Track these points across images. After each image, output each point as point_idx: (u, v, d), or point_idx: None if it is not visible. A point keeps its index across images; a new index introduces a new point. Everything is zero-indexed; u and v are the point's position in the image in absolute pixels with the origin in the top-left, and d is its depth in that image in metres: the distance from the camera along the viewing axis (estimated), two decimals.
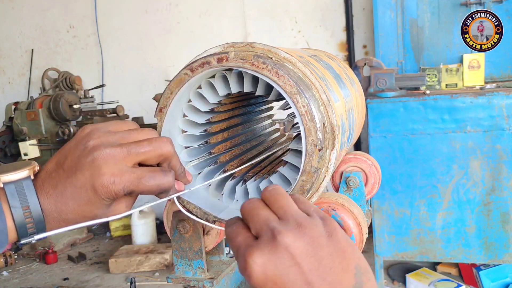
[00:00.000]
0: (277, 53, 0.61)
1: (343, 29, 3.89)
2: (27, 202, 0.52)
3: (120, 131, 0.57)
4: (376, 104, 2.66)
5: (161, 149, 0.55)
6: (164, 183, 0.55)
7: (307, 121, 0.58)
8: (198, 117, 0.69)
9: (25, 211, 0.52)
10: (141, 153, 0.54)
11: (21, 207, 0.52)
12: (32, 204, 0.52)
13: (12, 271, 3.60)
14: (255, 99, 0.93)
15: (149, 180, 0.54)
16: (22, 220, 0.52)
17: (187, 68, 0.63)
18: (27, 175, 0.53)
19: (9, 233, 0.51)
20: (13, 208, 0.51)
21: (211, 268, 0.90)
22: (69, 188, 0.53)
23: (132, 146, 0.54)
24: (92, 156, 0.53)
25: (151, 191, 0.55)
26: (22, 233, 0.52)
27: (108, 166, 0.52)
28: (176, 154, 0.58)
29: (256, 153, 0.88)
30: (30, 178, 0.53)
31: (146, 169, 0.54)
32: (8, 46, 4.90)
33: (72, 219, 0.55)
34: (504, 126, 2.49)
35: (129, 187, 0.53)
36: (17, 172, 0.53)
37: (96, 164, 0.52)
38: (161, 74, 4.35)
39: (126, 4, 4.43)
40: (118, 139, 0.55)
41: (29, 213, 0.52)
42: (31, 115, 3.82)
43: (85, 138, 0.55)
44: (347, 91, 0.86)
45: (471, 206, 2.59)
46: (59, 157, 0.56)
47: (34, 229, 0.52)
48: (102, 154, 0.53)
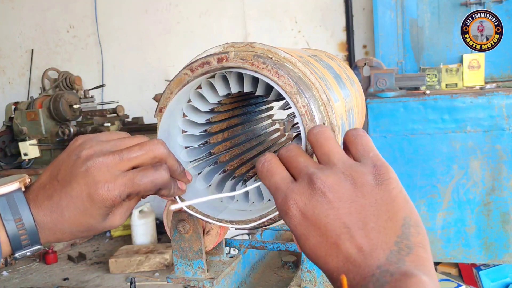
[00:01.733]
0: (277, 53, 0.61)
1: (343, 29, 3.89)
2: (19, 214, 0.51)
3: (112, 140, 0.57)
4: (376, 104, 2.66)
5: (153, 151, 0.55)
6: (157, 177, 0.54)
7: (307, 121, 0.58)
8: (198, 117, 0.69)
9: (18, 223, 0.51)
10: (134, 158, 0.54)
11: (13, 219, 0.51)
12: (25, 216, 0.52)
13: (12, 271, 3.60)
14: (255, 99, 0.93)
15: (142, 178, 0.54)
16: (15, 233, 0.51)
17: (187, 68, 0.63)
18: (18, 187, 0.53)
19: (3, 247, 0.51)
20: (5, 221, 0.51)
21: (211, 268, 0.90)
22: (64, 198, 0.53)
23: (124, 152, 0.54)
24: (86, 166, 0.52)
25: (147, 189, 0.54)
26: (16, 246, 0.52)
27: (101, 173, 0.52)
28: (172, 155, 0.58)
29: (256, 153, 0.88)
30: (21, 190, 0.53)
31: (137, 170, 0.54)
32: (8, 46, 4.90)
33: (68, 229, 0.54)
34: (504, 126, 2.49)
35: (125, 191, 0.53)
36: (7, 185, 0.52)
37: (89, 173, 0.52)
38: (161, 74, 4.35)
39: (126, 4, 4.43)
40: (111, 147, 0.55)
41: (22, 225, 0.51)
42: (31, 115, 3.82)
43: (78, 148, 0.55)
44: (347, 91, 0.86)
45: (471, 206, 2.59)
46: (52, 169, 0.55)
47: (28, 241, 0.52)
48: (95, 162, 0.52)
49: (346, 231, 0.44)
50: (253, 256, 1.15)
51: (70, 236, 0.56)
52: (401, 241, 0.43)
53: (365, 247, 0.43)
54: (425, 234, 0.45)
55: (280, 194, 0.49)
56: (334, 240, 0.45)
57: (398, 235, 0.44)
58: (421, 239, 0.44)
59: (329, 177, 0.46)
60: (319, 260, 0.46)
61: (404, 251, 0.43)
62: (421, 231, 0.45)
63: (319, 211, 0.46)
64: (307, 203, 0.46)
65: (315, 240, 0.46)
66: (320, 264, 0.47)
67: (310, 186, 0.47)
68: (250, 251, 1.10)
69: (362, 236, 0.44)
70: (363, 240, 0.44)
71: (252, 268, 1.12)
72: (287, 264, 1.19)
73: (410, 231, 0.44)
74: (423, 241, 0.44)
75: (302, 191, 0.47)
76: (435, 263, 3.06)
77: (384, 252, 0.43)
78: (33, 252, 0.54)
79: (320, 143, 0.50)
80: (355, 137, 0.51)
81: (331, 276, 0.46)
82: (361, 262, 0.43)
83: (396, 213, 0.45)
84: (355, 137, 0.51)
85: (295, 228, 0.47)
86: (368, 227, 0.44)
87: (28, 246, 0.52)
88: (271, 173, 0.51)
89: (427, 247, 0.44)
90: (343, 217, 0.45)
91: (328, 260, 0.45)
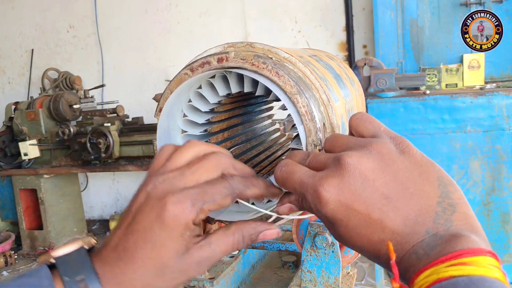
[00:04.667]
0: (277, 53, 0.61)
1: (343, 29, 3.89)
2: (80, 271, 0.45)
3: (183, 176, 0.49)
4: (376, 104, 2.66)
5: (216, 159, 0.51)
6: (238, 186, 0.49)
7: (307, 121, 0.58)
8: (198, 117, 0.69)
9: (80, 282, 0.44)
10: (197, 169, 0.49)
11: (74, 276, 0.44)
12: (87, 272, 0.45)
13: (12, 271, 3.60)
14: (255, 99, 0.93)
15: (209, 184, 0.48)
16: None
17: (187, 68, 0.63)
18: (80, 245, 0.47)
19: None
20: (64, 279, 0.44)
21: (211, 268, 0.90)
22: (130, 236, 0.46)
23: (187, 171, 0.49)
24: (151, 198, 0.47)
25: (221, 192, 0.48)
26: None
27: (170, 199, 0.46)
28: None
29: (256, 153, 0.88)
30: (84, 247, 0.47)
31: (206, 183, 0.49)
32: (8, 46, 4.90)
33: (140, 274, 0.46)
34: (504, 126, 2.49)
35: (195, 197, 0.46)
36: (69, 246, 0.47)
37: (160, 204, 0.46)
38: (161, 74, 4.35)
39: (126, 4, 4.42)
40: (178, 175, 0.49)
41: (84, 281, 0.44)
42: (31, 115, 3.82)
43: None
44: (347, 91, 0.86)
45: (471, 206, 2.59)
46: None
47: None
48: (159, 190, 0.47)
49: (388, 202, 0.42)
50: (253, 256, 1.15)
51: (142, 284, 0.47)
52: (443, 200, 0.42)
53: (411, 214, 0.42)
54: (459, 189, 0.44)
55: (307, 188, 0.46)
56: (378, 215, 0.42)
57: (438, 195, 0.42)
58: (460, 195, 0.44)
59: (354, 154, 0.44)
60: (363, 240, 0.44)
61: (449, 210, 0.42)
62: (457, 188, 0.44)
63: (355, 187, 0.43)
64: (340, 183, 0.44)
65: (356, 220, 0.43)
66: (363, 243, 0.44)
67: (339, 167, 0.44)
68: (250, 251, 1.11)
69: (405, 204, 0.42)
70: (407, 208, 0.42)
71: (252, 268, 1.12)
72: (287, 264, 1.20)
73: (448, 189, 0.43)
74: (462, 197, 0.44)
75: (332, 174, 0.44)
76: None
77: (430, 215, 0.41)
78: None
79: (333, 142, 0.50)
80: (360, 119, 0.50)
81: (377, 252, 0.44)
82: (410, 231, 0.41)
83: (429, 175, 0.44)
84: (360, 119, 0.50)
85: (333, 215, 0.44)
86: (408, 194, 0.42)
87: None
88: (291, 173, 0.48)
89: (467, 202, 0.44)
90: (381, 188, 0.43)
91: (373, 237, 0.43)
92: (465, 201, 0.44)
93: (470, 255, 0.38)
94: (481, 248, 0.38)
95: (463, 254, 0.38)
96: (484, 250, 0.38)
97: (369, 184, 0.43)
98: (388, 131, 0.48)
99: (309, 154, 0.50)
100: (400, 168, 0.44)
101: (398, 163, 0.44)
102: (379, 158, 0.44)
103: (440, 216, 0.41)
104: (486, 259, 0.38)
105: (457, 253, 0.38)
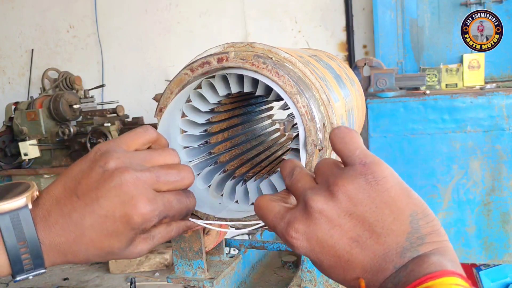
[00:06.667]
0: (277, 53, 0.61)
1: (343, 29, 3.89)
2: (23, 236, 0.46)
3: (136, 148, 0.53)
4: (376, 104, 2.66)
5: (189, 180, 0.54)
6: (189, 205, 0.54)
7: (307, 121, 0.58)
8: (198, 117, 0.69)
9: (21, 246, 0.46)
10: (171, 183, 0.52)
11: (16, 242, 0.46)
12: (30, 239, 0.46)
13: None
14: (255, 99, 0.93)
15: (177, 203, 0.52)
16: (17, 256, 0.46)
17: (187, 68, 0.63)
18: (24, 203, 0.47)
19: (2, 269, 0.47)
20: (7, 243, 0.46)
21: (211, 268, 0.90)
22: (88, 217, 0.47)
23: (161, 174, 0.51)
24: (119, 181, 0.47)
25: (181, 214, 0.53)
26: (17, 270, 0.47)
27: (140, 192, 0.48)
28: None
29: (256, 153, 0.88)
30: (28, 207, 0.47)
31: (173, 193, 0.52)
32: (8, 46, 4.90)
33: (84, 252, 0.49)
34: (504, 126, 2.49)
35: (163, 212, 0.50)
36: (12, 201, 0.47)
37: (125, 190, 0.47)
38: (161, 74, 4.35)
39: (126, 4, 4.42)
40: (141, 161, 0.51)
41: (26, 248, 0.46)
42: (31, 115, 3.82)
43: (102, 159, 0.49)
44: (347, 91, 0.86)
45: (471, 206, 2.59)
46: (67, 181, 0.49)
47: (31, 265, 0.48)
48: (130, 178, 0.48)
49: (356, 245, 0.44)
50: (253, 256, 1.15)
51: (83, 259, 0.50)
52: (412, 235, 0.43)
53: (378, 253, 0.43)
54: (436, 220, 0.45)
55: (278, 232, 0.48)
56: (347, 258, 0.44)
57: (408, 231, 0.43)
58: (432, 227, 0.44)
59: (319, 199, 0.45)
60: (338, 277, 0.46)
61: (416, 242, 0.42)
62: (430, 220, 0.44)
63: (322, 234, 0.45)
64: (306, 230, 0.45)
65: (328, 263, 0.46)
66: (339, 280, 0.46)
67: (306, 211, 0.45)
68: (250, 251, 1.11)
69: (372, 244, 0.43)
70: (374, 248, 0.43)
71: (252, 268, 1.12)
72: (287, 264, 1.20)
73: (419, 224, 0.43)
74: (434, 228, 0.44)
75: (299, 218, 0.46)
76: None
77: (397, 251, 0.42)
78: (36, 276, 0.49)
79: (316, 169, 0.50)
80: (338, 136, 0.48)
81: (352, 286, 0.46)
82: (378, 268, 0.43)
83: (401, 212, 0.43)
84: (338, 136, 0.48)
85: (306, 256, 0.47)
86: (375, 235, 0.43)
87: (31, 270, 0.48)
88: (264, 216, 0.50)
89: (440, 231, 0.44)
90: (349, 232, 0.44)
91: (346, 276, 0.45)
92: (436, 231, 0.44)
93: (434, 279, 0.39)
94: (445, 270, 0.40)
95: (427, 279, 0.39)
96: (448, 272, 0.39)
97: (337, 229, 0.44)
98: (364, 155, 0.46)
99: (294, 171, 0.51)
100: (367, 209, 0.44)
101: (367, 203, 0.44)
102: (346, 199, 0.44)
103: (407, 249, 0.42)
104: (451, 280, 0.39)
105: (421, 279, 0.39)
